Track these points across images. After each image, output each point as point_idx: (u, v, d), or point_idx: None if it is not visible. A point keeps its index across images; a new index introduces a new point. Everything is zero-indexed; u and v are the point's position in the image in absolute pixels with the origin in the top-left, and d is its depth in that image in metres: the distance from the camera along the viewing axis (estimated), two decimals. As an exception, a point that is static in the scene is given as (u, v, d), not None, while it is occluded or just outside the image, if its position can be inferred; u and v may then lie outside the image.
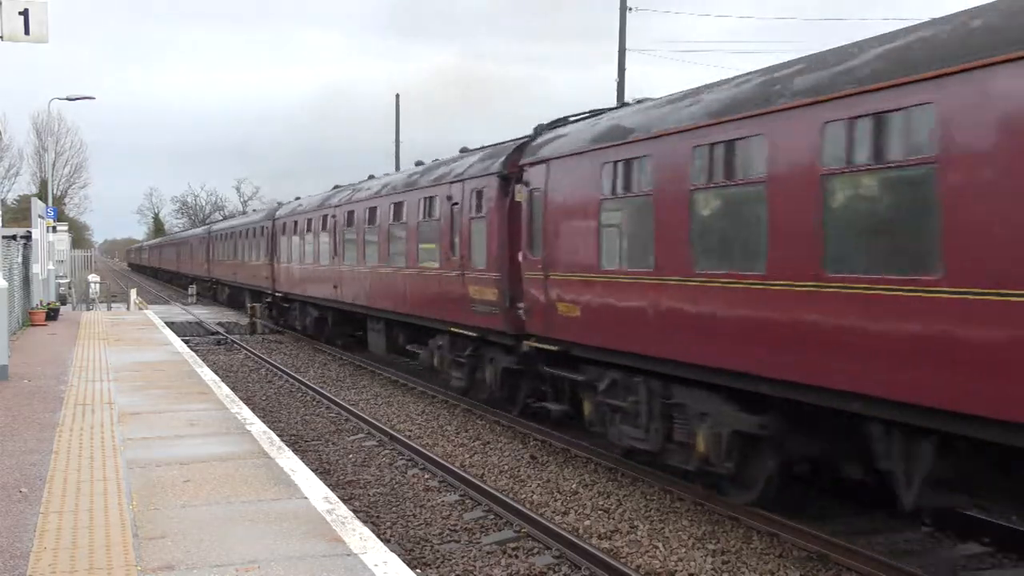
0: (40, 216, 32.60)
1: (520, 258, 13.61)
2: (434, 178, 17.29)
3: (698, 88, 10.38)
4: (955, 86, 6.82)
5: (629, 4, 27.06)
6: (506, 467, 12.42)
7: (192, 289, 51.77)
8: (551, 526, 9.44)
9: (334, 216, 23.91)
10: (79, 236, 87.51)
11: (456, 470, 11.87)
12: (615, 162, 11.06)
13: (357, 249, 21.65)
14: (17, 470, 8.84)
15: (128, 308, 37.02)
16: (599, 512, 10.25)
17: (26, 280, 26.50)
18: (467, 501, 10.83)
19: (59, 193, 74.46)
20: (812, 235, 7.97)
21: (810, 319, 8.08)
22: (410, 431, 14.92)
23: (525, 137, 14.35)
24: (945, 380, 6.87)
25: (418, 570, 8.39)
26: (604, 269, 11.22)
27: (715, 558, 8.71)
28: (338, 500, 7.95)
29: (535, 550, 9.09)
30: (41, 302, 29.10)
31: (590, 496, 10.85)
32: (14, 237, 27.86)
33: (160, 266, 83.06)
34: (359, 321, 23.43)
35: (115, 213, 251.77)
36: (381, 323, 20.77)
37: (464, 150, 17.32)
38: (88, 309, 36.51)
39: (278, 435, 11.08)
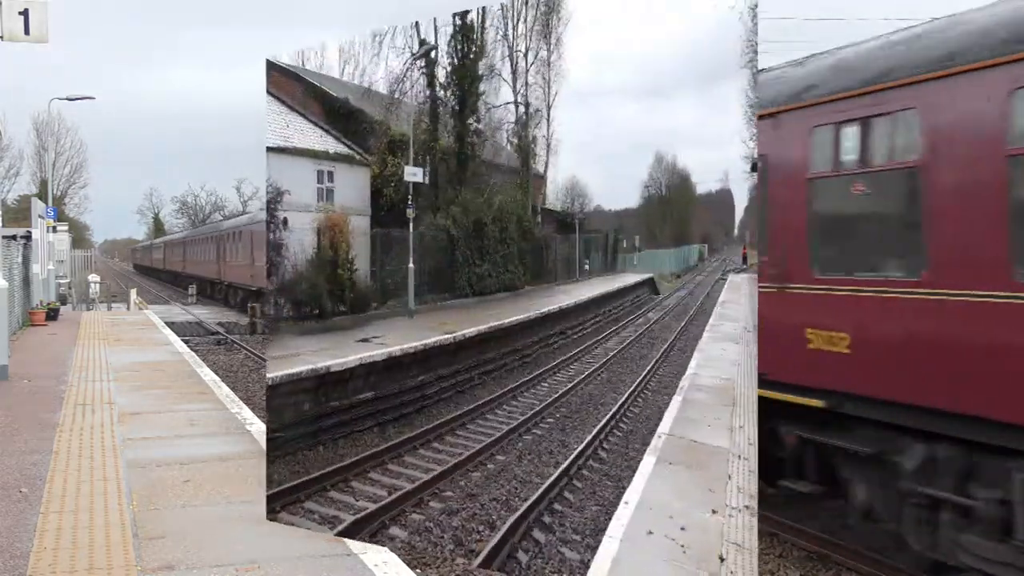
0: (40, 216, 32.65)
1: None
2: None
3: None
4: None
5: (629, 4, 27.04)
6: (506, 467, 12.41)
7: (192, 289, 51.26)
8: (551, 526, 9.42)
9: None
10: (79, 236, 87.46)
11: (456, 470, 11.84)
12: None
13: None
14: (17, 470, 8.83)
15: (128, 308, 37.03)
16: (599, 512, 10.24)
17: (26, 280, 26.52)
18: (467, 501, 10.82)
19: (59, 193, 74.44)
20: None
21: None
22: (410, 431, 14.90)
23: None
24: None
25: (418, 570, 8.38)
26: None
27: (715, 558, 8.71)
28: (338, 500, 7.95)
29: (535, 550, 9.08)
30: (41, 302, 29.11)
31: (590, 496, 10.84)
32: (14, 237, 27.85)
33: (183, 270, 60.72)
34: None
35: (115, 213, 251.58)
36: None
37: None
38: (88, 309, 36.52)
39: (278, 435, 11.08)
